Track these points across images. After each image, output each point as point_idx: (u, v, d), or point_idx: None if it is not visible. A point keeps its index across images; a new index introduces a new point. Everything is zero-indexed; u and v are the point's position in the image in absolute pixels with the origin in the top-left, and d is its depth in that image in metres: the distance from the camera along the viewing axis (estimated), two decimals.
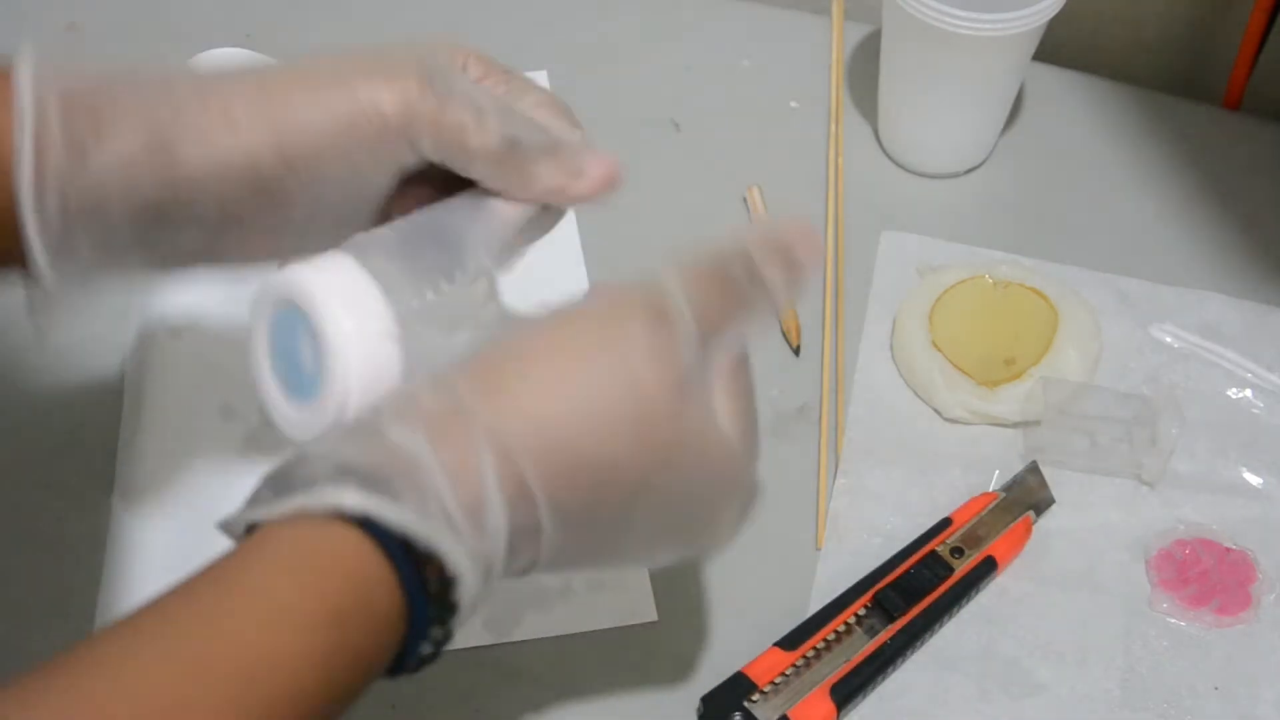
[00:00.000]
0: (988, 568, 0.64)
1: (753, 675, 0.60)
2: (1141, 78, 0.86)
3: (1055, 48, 0.82)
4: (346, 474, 0.40)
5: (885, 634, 0.62)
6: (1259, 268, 0.76)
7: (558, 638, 0.63)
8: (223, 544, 0.41)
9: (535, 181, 0.48)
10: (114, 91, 0.44)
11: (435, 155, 0.47)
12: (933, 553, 0.64)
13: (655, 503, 0.45)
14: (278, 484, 0.40)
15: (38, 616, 0.63)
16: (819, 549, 0.66)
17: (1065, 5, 0.71)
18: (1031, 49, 0.74)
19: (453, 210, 0.48)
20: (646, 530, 0.46)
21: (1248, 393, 0.71)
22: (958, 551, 0.65)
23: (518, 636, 0.63)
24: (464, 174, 0.48)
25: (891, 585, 0.63)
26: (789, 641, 0.61)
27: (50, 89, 0.43)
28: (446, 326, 0.46)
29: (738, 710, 0.59)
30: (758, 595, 0.65)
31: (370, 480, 0.40)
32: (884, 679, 0.62)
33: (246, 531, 0.40)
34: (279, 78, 0.46)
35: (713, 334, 0.46)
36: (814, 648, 0.61)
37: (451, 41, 0.49)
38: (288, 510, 0.39)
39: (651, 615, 0.64)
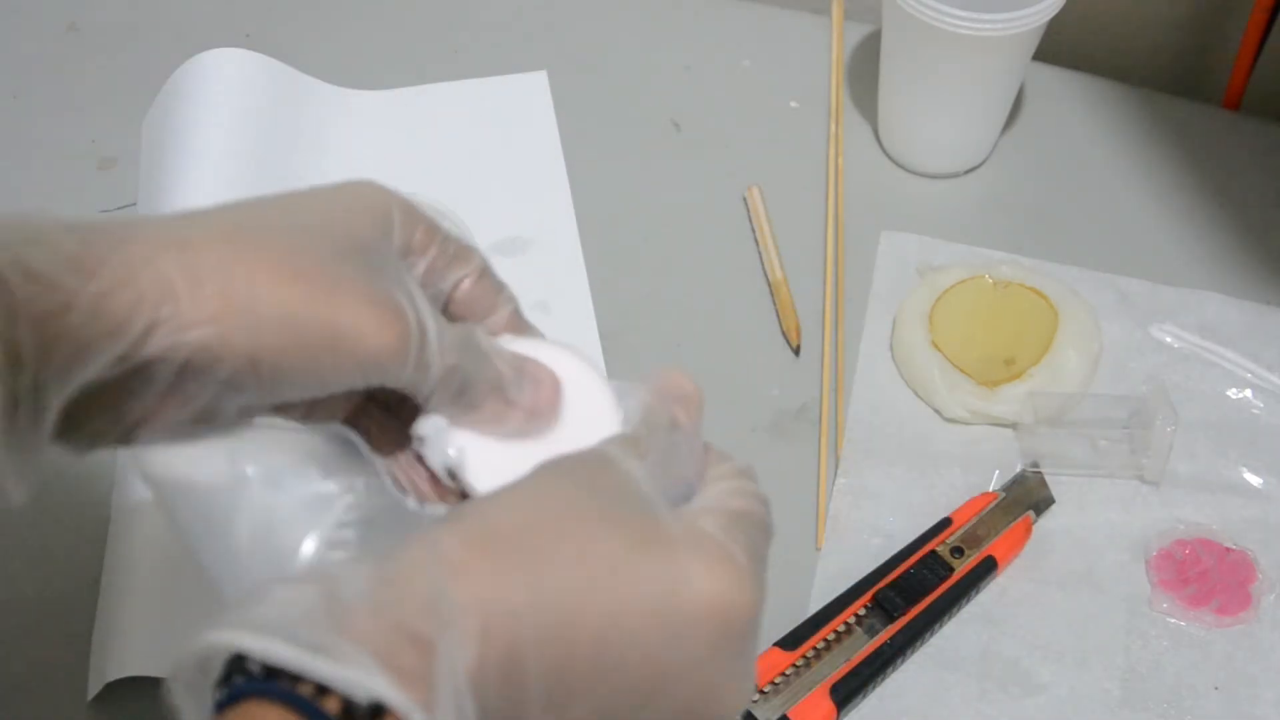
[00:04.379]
0: (988, 568, 0.64)
1: None
2: (1141, 78, 0.86)
3: (1055, 48, 0.82)
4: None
5: (885, 634, 0.62)
6: (1259, 268, 0.76)
7: None
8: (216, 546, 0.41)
9: (474, 415, 0.46)
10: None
11: (402, 387, 0.44)
12: (933, 553, 0.64)
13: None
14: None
15: (38, 623, 0.63)
16: (819, 549, 0.66)
17: (1065, 5, 0.71)
18: (1031, 49, 0.74)
19: None
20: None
21: (1248, 393, 0.71)
22: (958, 551, 0.65)
23: None
24: (414, 399, 0.45)
25: (891, 585, 0.63)
26: (789, 641, 0.61)
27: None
28: None
29: None
30: None
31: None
32: (884, 679, 0.62)
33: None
34: (261, 272, 0.42)
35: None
36: (814, 648, 0.61)
37: (402, 202, 0.46)
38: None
39: None
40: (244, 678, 0.34)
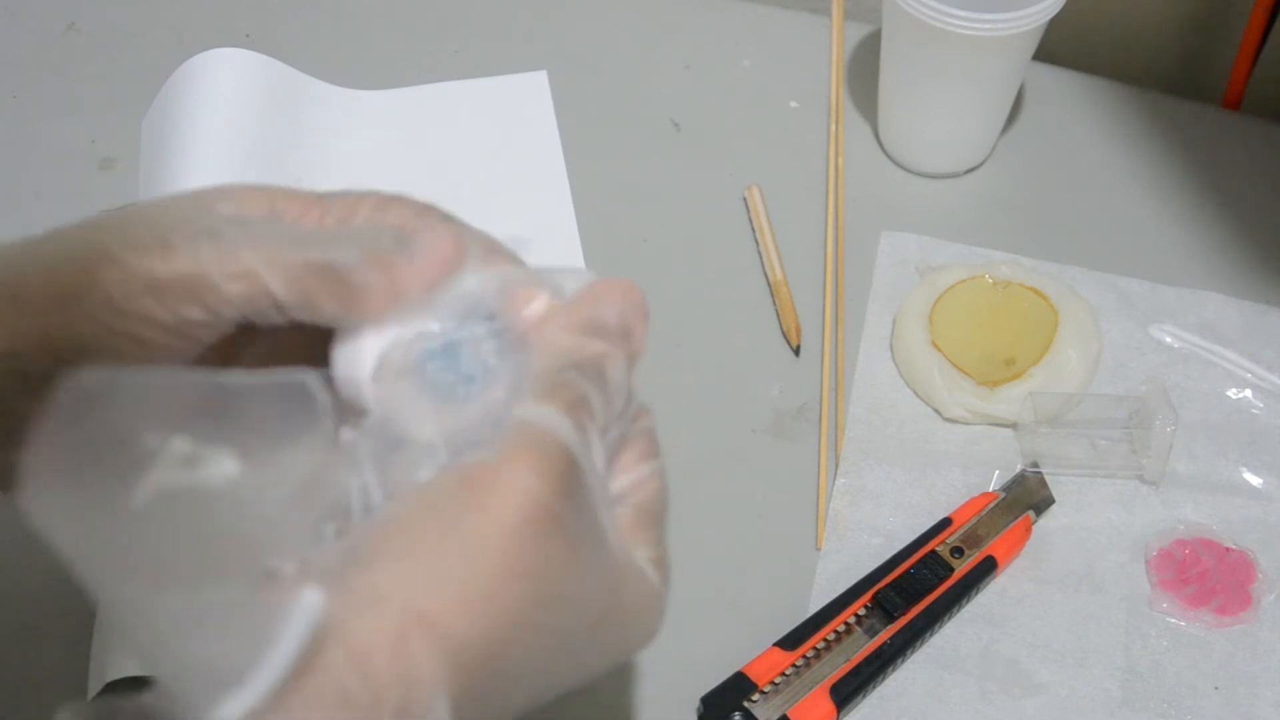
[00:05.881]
0: (988, 568, 0.64)
1: (753, 675, 0.60)
2: (1141, 78, 0.86)
3: (1055, 48, 0.82)
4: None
5: (885, 634, 0.62)
6: (1259, 268, 0.76)
7: None
8: None
9: (361, 295, 0.42)
10: None
11: (248, 314, 0.42)
12: (933, 553, 0.64)
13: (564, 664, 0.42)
14: None
15: (38, 623, 0.64)
16: (819, 549, 0.66)
17: (1065, 5, 0.71)
18: (1031, 49, 0.74)
19: None
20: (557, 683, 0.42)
21: (1248, 393, 0.71)
22: (958, 551, 0.65)
23: None
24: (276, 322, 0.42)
25: (891, 585, 0.63)
26: (789, 641, 0.61)
27: None
28: None
29: (738, 710, 0.59)
30: (758, 595, 0.65)
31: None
32: (884, 679, 0.62)
33: None
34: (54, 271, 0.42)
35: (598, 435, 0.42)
36: (814, 648, 0.61)
37: (250, 187, 0.44)
38: None
39: None
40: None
